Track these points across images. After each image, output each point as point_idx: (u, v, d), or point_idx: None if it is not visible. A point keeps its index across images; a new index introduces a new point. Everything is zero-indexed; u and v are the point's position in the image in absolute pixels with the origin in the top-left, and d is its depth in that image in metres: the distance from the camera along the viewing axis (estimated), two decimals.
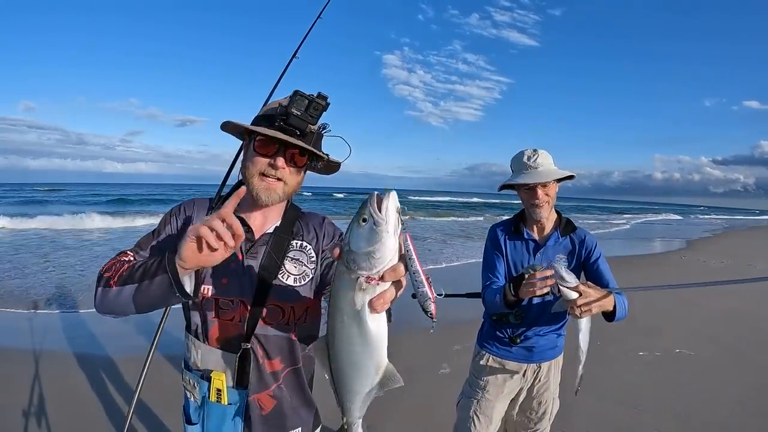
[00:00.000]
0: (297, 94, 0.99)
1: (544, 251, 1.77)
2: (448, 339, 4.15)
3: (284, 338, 1.10)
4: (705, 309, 5.64)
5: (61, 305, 4.97)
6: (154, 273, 0.87)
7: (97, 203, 22.40)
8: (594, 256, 1.76)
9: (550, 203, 1.75)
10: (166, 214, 1.15)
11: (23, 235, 10.78)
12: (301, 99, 0.99)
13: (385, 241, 0.66)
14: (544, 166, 1.74)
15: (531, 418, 1.90)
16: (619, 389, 3.35)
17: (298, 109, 0.98)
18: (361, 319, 0.71)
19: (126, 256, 1.04)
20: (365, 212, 0.67)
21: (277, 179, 1.04)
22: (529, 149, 1.77)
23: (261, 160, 1.02)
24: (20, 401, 2.85)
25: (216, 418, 1.08)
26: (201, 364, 1.09)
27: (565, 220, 1.82)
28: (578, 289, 1.44)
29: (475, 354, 1.93)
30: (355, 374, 0.77)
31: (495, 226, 1.91)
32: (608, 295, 1.50)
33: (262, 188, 1.04)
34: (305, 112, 0.99)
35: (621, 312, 1.55)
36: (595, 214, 35.47)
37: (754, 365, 3.96)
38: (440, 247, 10.92)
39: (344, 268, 0.69)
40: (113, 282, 0.92)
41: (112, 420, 2.75)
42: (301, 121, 0.99)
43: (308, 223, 1.17)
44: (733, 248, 13.17)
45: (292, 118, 0.98)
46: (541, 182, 1.69)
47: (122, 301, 0.92)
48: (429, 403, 3.04)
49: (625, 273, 7.65)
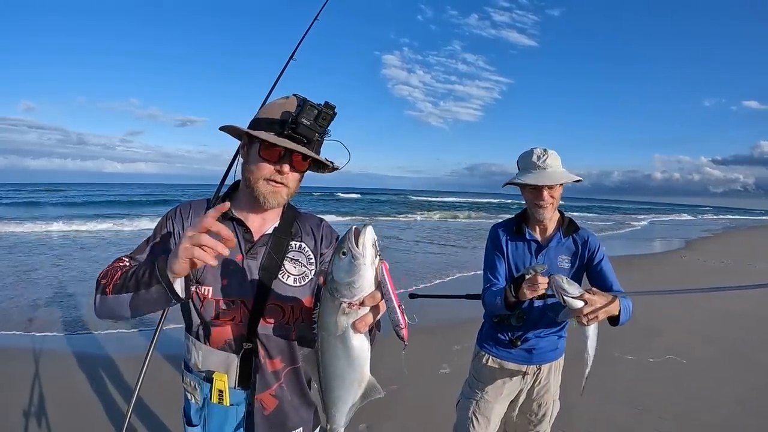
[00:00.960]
0: (307, 104, 1.00)
1: (546, 252, 1.75)
2: (448, 339, 4.15)
3: (285, 338, 1.11)
4: (705, 309, 5.65)
5: (61, 304, 4.97)
6: (148, 283, 0.89)
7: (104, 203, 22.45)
8: (597, 258, 1.73)
9: (554, 204, 1.72)
10: (162, 218, 1.15)
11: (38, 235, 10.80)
12: (311, 109, 1.00)
13: (363, 272, 0.74)
14: (552, 167, 1.70)
15: (531, 420, 1.89)
16: (620, 390, 3.35)
17: (308, 118, 1.00)
18: (345, 338, 0.80)
19: (122, 262, 1.05)
20: (344, 246, 0.75)
21: (282, 184, 1.05)
22: (540, 148, 1.73)
23: (267, 165, 1.03)
24: (20, 401, 2.86)
25: (218, 420, 1.08)
26: (202, 365, 1.09)
27: (568, 220, 1.79)
28: (583, 298, 1.42)
29: (475, 354, 1.92)
30: (339, 385, 0.86)
31: (496, 226, 1.88)
32: (614, 299, 1.48)
33: (269, 192, 1.04)
34: (314, 122, 1.00)
35: (625, 315, 1.53)
36: (597, 213, 35.21)
37: (754, 365, 3.96)
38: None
39: (328, 294, 0.78)
40: (108, 290, 0.94)
41: (111, 419, 2.75)
42: (310, 131, 1.00)
43: (306, 224, 1.18)
44: (733, 248, 13.18)
45: (302, 127, 0.99)
46: (548, 185, 1.66)
47: (118, 308, 0.95)
48: (429, 403, 3.04)
49: (626, 273, 7.65)
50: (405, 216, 23.14)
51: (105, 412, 2.83)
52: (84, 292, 5.38)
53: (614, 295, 1.50)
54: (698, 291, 1.27)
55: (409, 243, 11.64)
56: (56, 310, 4.78)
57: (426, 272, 7.50)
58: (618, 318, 1.51)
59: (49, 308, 4.86)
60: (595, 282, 1.74)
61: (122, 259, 1.07)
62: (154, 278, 0.88)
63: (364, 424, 2.75)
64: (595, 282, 1.74)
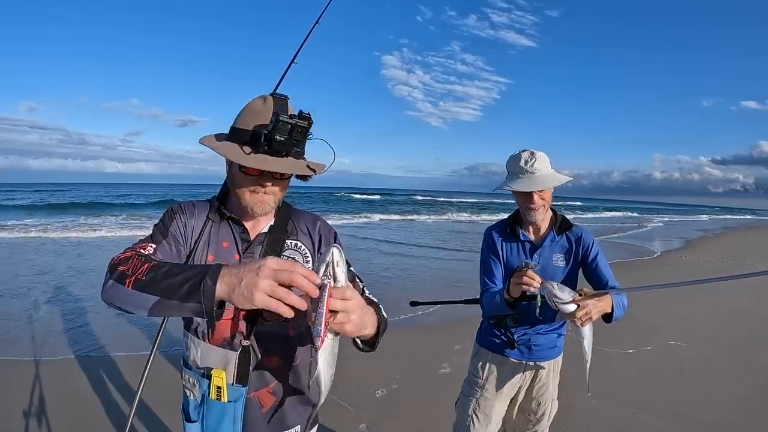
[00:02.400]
0: (279, 121, 0.95)
1: (541, 252, 1.76)
2: (448, 338, 4.16)
3: (283, 335, 1.11)
4: (704, 308, 5.65)
5: (62, 305, 4.97)
6: (185, 297, 0.78)
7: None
8: (592, 254, 1.74)
9: (546, 207, 1.73)
10: (169, 209, 1.13)
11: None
12: (283, 125, 0.96)
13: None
14: (541, 170, 1.69)
15: (530, 419, 1.89)
16: (619, 389, 3.35)
17: (282, 135, 0.97)
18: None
19: (145, 248, 0.98)
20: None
21: (267, 194, 1.05)
22: (526, 152, 1.72)
23: (248, 178, 1.03)
24: (21, 402, 2.86)
25: (215, 416, 1.08)
26: (201, 362, 1.10)
27: (561, 218, 1.80)
28: (575, 302, 1.44)
29: (474, 353, 1.93)
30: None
31: (490, 228, 1.88)
32: (605, 297, 1.49)
33: (255, 202, 1.05)
34: (289, 137, 0.98)
35: (618, 311, 1.54)
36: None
37: (754, 364, 3.96)
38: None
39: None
40: (129, 282, 0.83)
41: (112, 419, 2.75)
42: (285, 146, 0.98)
43: (301, 222, 1.18)
44: (733, 248, 13.18)
45: (275, 143, 0.97)
46: (537, 190, 1.66)
47: (134, 304, 0.84)
48: (429, 402, 3.05)
49: (627, 273, 7.65)
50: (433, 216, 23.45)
51: (106, 413, 2.83)
52: (84, 292, 5.39)
53: (605, 293, 1.51)
54: (689, 283, 1.29)
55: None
56: (58, 310, 4.79)
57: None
58: (611, 315, 1.52)
59: (50, 307, 4.87)
60: (590, 278, 1.75)
61: (145, 245, 1.00)
62: (196, 296, 0.77)
63: (365, 424, 2.76)
64: (591, 278, 1.74)
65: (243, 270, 0.76)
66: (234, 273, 0.77)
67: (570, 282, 1.74)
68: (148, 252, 0.97)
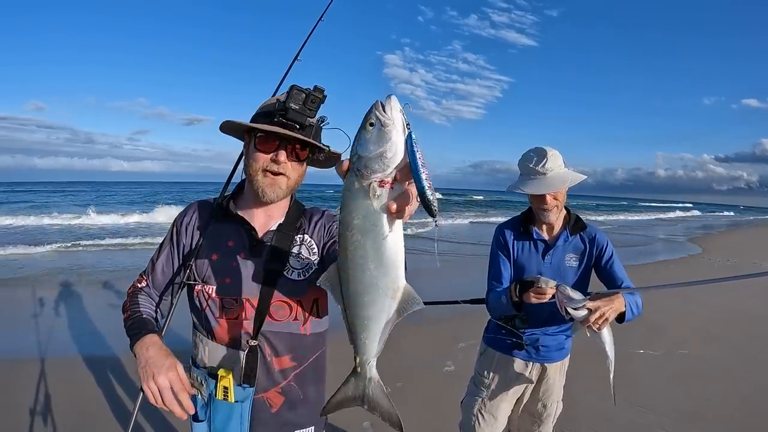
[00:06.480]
0: (294, 89, 0.99)
1: (553, 252, 1.73)
2: (453, 337, 4.15)
3: (293, 335, 1.11)
4: (710, 307, 5.61)
5: (66, 304, 4.99)
6: (131, 346, 1.03)
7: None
8: (606, 255, 1.71)
9: (560, 207, 1.69)
10: (171, 225, 1.18)
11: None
12: (298, 93, 0.99)
13: (395, 139, 0.65)
14: (553, 170, 1.64)
15: (535, 420, 1.88)
16: (625, 388, 3.32)
17: (296, 103, 0.99)
18: (376, 233, 0.67)
19: (141, 281, 1.18)
20: (371, 117, 0.66)
21: (280, 174, 1.05)
22: (538, 151, 1.67)
23: (263, 156, 1.03)
24: (26, 401, 2.87)
25: (222, 416, 1.08)
26: (208, 361, 1.10)
27: (575, 217, 1.76)
28: (587, 307, 1.43)
29: (481, 352, 1.92)
30: (369, 299, 0.72)
31: (502, 225, 1.84)
32: (618, 297, 1.47)
33: (267, 184, 1.05)
34: (303, 106, 1.00)
35: (631, 312, 1.53)
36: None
37: (759, 363, 3.93)
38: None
39: (354, 177, 0.66)
40: (124, 322, 1.09)
41: (118, 418, 2.76)
42: (300, 115, 1.00)
43: (311, 218, 1.18)
44: (739, 246, 13.09)
45: (291, 112, 0.99)
46: (551, 192, 1.62)
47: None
48: (434, 401, 3.03)
49: (631, 272, 7.59)
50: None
51: (111, 411, 2.84)
52: (86, 292, 5.42)
53: (616, 292, 1.49)
54: (698, 283, 1.29)
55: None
56: (61, 309, 4.81)
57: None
58: (624, 315, 1.51)
59: (54, 307, 4.89)
60: (604, 279, 1.73)
61: (141, 278, 1.19)
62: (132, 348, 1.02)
63: (369, 422, 2.75)
64: (605, 279, 1.72)
65: (148, 361, 0.97)
66: (142, 356, 0.98)
67: (582, 283, 1.72)
68: (142, 285, 1.17)
